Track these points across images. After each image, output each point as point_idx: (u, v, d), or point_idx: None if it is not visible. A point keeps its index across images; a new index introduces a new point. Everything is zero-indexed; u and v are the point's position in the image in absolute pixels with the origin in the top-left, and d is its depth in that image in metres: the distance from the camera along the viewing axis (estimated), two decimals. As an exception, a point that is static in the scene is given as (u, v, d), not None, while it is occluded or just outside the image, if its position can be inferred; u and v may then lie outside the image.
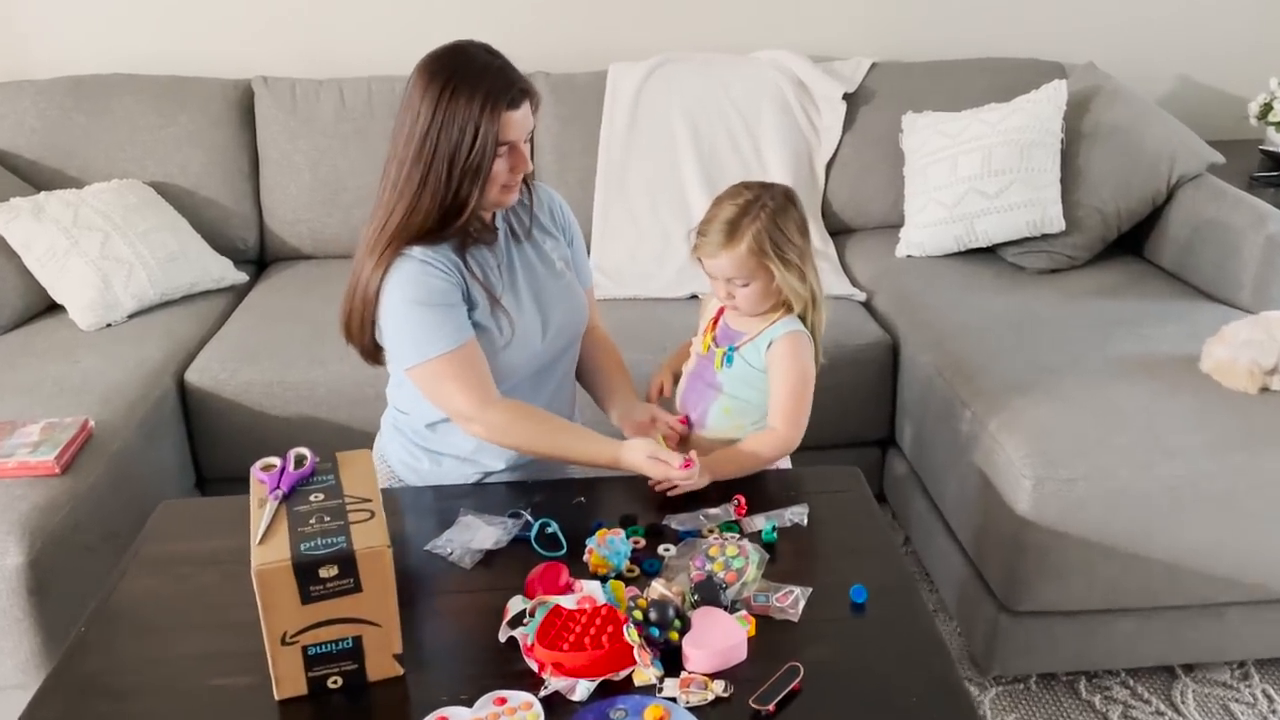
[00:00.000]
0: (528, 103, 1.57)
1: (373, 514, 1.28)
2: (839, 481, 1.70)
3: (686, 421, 1.76)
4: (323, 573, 1.20)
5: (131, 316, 2.53)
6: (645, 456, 1.59)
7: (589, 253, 2.84)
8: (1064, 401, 1.96)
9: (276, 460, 1.43)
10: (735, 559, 1.45)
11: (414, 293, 1.57)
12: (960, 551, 2.08)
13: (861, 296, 2.64)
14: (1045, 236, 2.62)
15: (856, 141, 2.97)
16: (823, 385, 2.38)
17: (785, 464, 1.84)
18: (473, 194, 1.56)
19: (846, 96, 2.97)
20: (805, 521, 1.57)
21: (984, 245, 2.70)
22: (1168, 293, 2.48)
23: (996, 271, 2.64)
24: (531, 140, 1.66)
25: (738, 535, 1.54)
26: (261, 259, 2.99)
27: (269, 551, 1.20)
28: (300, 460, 1.43)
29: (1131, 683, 2.03)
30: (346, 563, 1.20)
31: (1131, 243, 2.71)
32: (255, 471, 1.41)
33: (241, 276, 2.80)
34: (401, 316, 1.58)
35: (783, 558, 1.48)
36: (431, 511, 1.66)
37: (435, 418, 1.70)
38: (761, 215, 1.61)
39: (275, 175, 2.91)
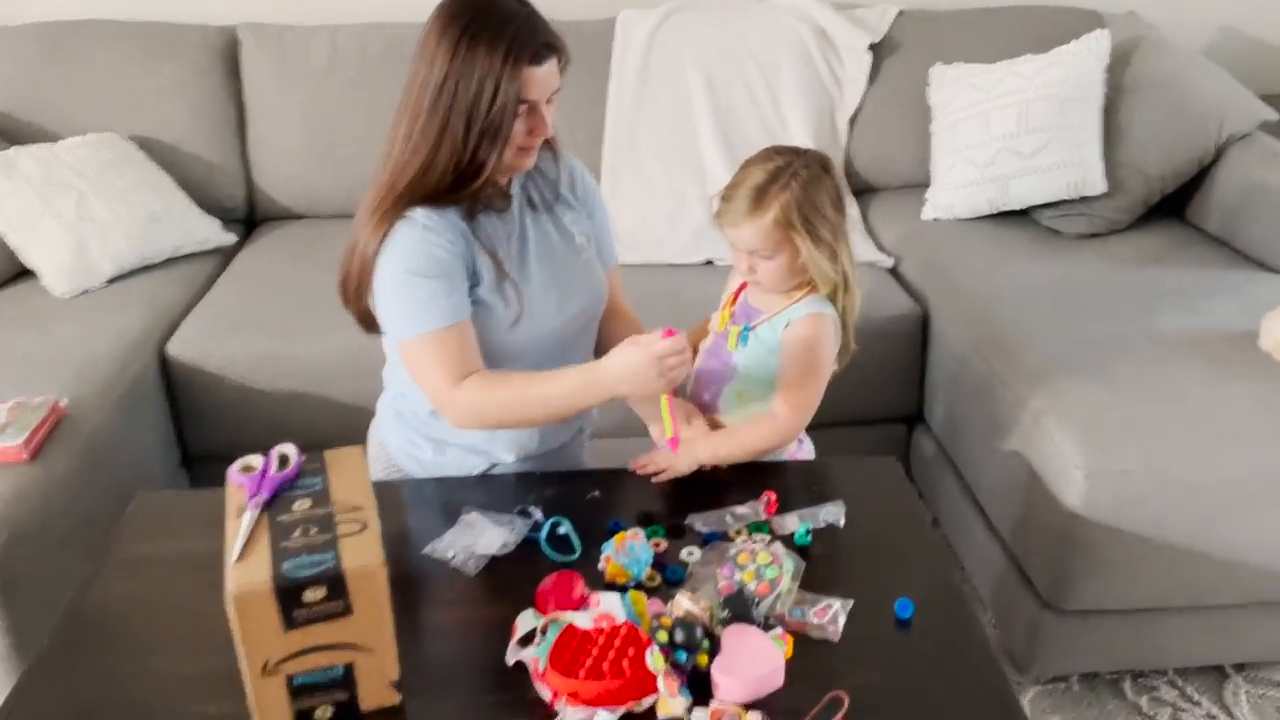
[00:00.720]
0: (554, 59, 1.41)
1: (365, 525, 1.13)
2: (875, 474, 1.56)
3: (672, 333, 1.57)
4: (308, 595, 1.06)
5: (110, 282, 2.37)
6: (622, 350, 1.38)
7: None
8: (1113, 383, 1.82)
9: (257, 460, 1.29)
10: (768, 568, 1.31)
11: (413, 261, 1.42)
12: (998, 541, 1.95)
13: (889, 262, 2.48)
14: (1084, 199, 2.46)
15: (882, 95, 2.79)
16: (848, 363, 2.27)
17: (808, 452, 1.70)
18: (491, 155, 1.40)
19: (872, 47, 2.79)
20: (842, 522, 1.44)
21: (1018, 208, 2.53)
22: (1217, 261, 2.32)
23: (1032, 236, 2.48)
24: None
25: (768, 538, 1.40)
26: (250, 219, 2.83)
27: (247, 571, 1.06)
28: (284, 461, 1.29)
29: (1180, 683, 1.91)
30: (335, 583, 1.06)
31: (1174, 205, 2.55)
32: (232, 474, 1.27)
33: (229, 238, 2.64)
34: (397, 285, 1.44)
35: (818, 564, 1.34)
36: (433, 507, 1.53)
37: None
38: (793, 184, 1.45)
39: (264, 129, 2.74)
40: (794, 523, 1.43)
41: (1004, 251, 2.39)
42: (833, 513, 1.45)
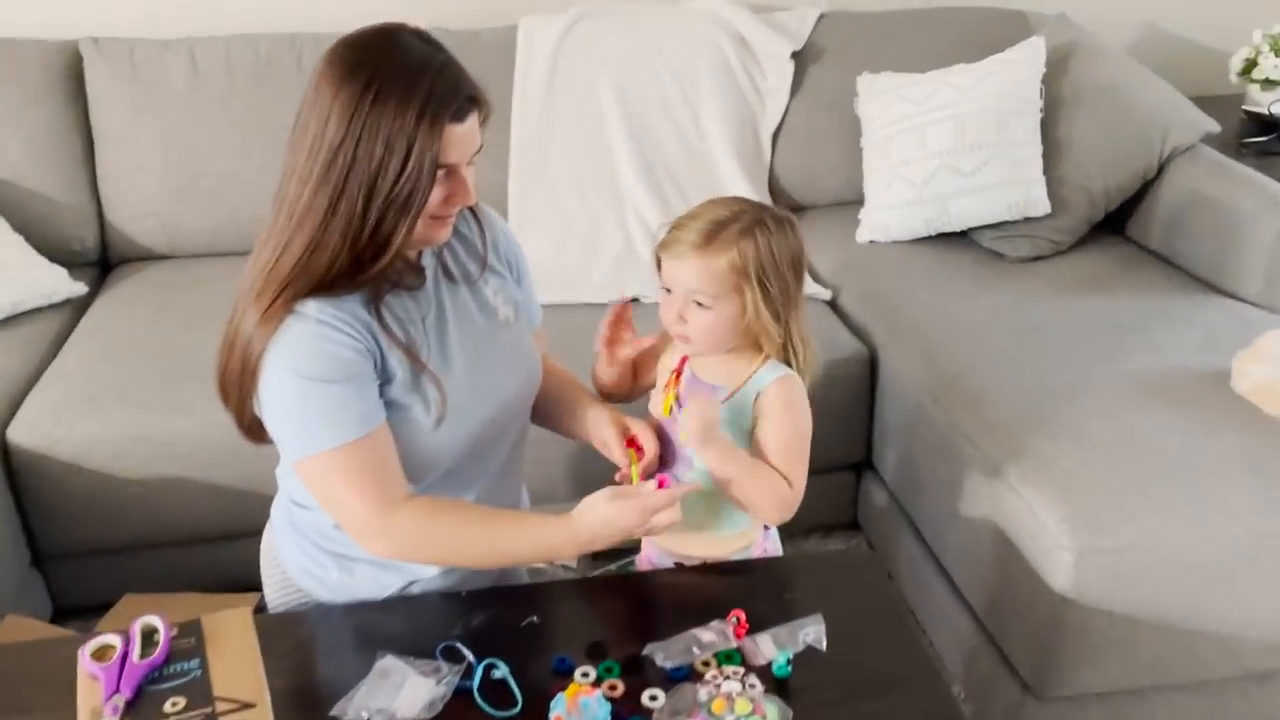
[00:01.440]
0: (475, 114, 1.17)
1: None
2: (853, 574, 1.38)
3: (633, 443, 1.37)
4: None
5: (-64, 352, 2.03)
6: (607, 499, 1.22)
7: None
8: (1088, 439, 1.67)
9: (114, 640, 1.03)
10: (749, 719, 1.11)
11: (306, 365, 1.17)
12: (968, 613, 1.78)
13: (826, 294, 2.30)
14: (1027, 220, 2.32)
15: (806, 106, 2.60)
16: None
17: (775, 546, 1.50)
18: (398, 230, 1.15)
19: (794, 55, 2.60)
20: (824, 643, 1.24)
21: (958, 229, 2.38)
22: (1165, 283, 2.20)
23: (974, 259, 2.32)
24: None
25: (742, 670, 1.20)
26: (104, 261, 2.48)
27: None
28: (149, 637, 1.03)
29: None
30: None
31: (1113, 221, 2.43)
32: (84, 660, 1.01)
33: (78, 288, 2.29)
34: (288, 396, 1.19)
35: (802, 702, 1.14)
36: (341, 643, 1.28)
37: None
38: (757, 231, 1.26)
39: (116, 159, 2.39)
40: (770, 649, 1.23)
41: (948, 279, 2.23)
42: (813, 632, 1.25)
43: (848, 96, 2.56)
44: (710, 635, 1.25)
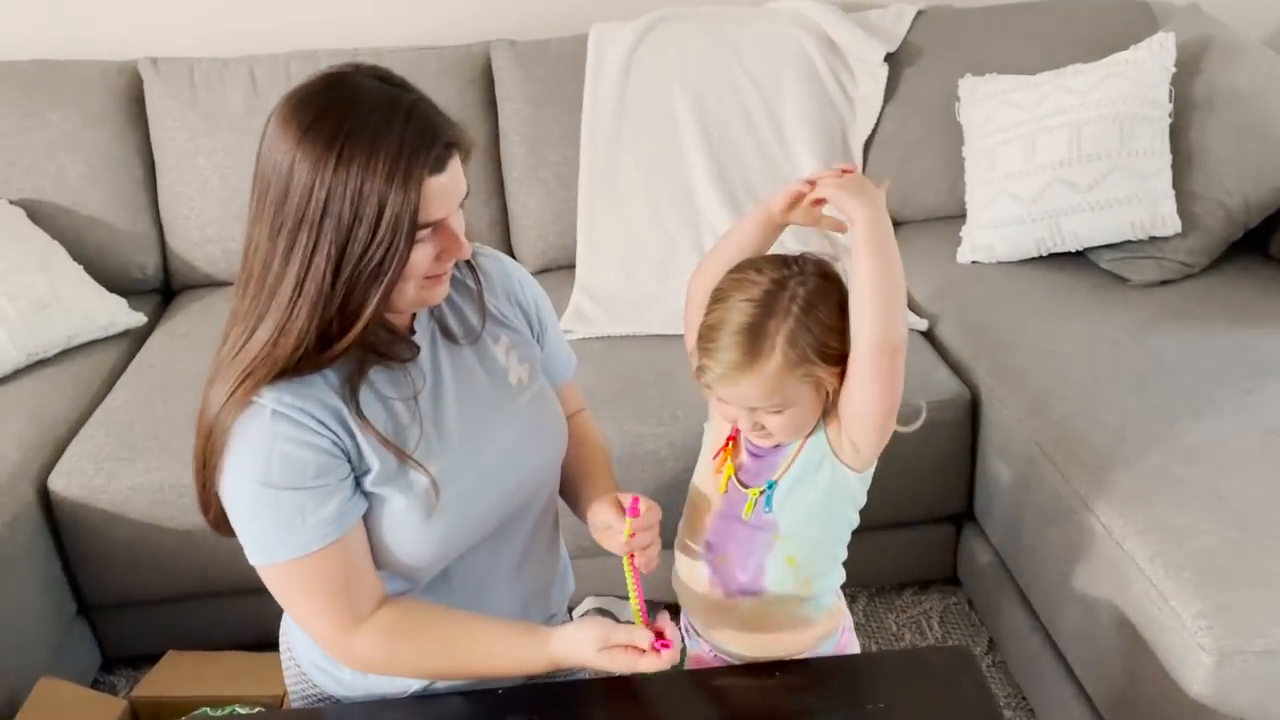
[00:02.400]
0: (456, 158, 1.02)
1: None
2: (945, 678, 1.17)
3: (635, 504, 1.16)
4: None
5: (-12, 390, 1.97)
6: (594, 650, 1.08)
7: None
8: (1231, 512, 1.43)
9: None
10: None
11: (261, 469, 1.03)
12: (1086, 703, 1.56)
13: (922, 325, 2.08)
14: (1154, 239, 2.06)
15: (901, 113, 2.38)
16: (882, 454, 1.87)
17: (853, 643, 1.31)
18: (369, 302, 1.00)
19: (888, 58, 2.38)
20: (910, 776, 1.05)
21: (1072, 250, 2.13)
22: (1318, 313, 1.93)
23: (1091, 284, 2.07)
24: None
25: (814, 808, 1.02)
26: (167, 288, 2.42)
27: None
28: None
29: None
30: None
31: (1254, 240, 2.15)
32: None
33: (137, 318, 2.22)
34: (242, 501, 1.05)
35: None
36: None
37: None
38: (793, 310, 1.06)
39: (176, 183, 2.32)
40: (848, 779, 1.06)
41: (1061, 309, 1.99)
42: (899, 759, 1.07)
43: (948, 102, 2.33)
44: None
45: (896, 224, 2.41)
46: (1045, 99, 2.16)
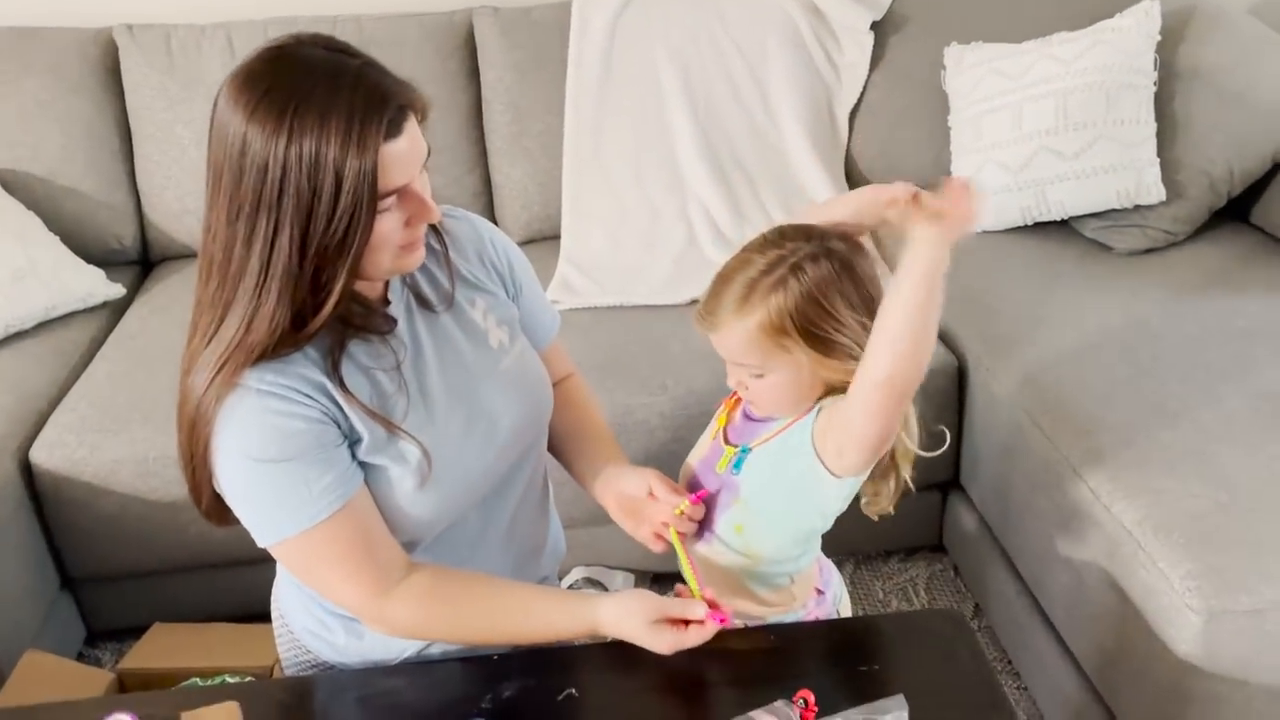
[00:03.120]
0: (412, 118, 0.99)
1: None
2: (940, 641, 1.18)
3: (704, 498, 1.19)
4: None
5: (-35, 362, 1.94)
6: (646, 623, 1.07)
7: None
8: (1219, 475, 1.44)
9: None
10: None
11: (257, 446, 1.01)
12: (1073, 666, 1.58)
13: (909, 294, 2.08)
14: (1139, 208, 2.07)
15: (887, 82, 2.37)
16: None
17: (846, 608, 1.32)
18: (338, 276, 0.98)
19: (874, 26, 2.36)
20: (906, 731, 1.06)
21: (1058, 219, 2.14)
22: (1302, 281, 1.94)
23: (1078, 253, 2.08)
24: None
25: (810, 766, 1.03)
26: (145, 259, 2.38)
27: None
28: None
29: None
30: None
31: (1236, 207, 2.16)
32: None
33: (116, 290, 2.19)
34: (243, 481, 1.04)
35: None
36: (352, 714, 1.14)
37: None
38: (792, 280, 1.04)
39: (153, 153, 2.28)
40: (844, 738, 1.06)
41: (1047, 276, 2.00)
42: (893, 719, 1.07)
43: (934, 70, 2.32)
44: (772, 720, 1.08)
45: (882, 193, 2.42)
46: (1031, 67, 2.16)
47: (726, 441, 1.19)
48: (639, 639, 1.08)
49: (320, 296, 0.99)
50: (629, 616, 1.08)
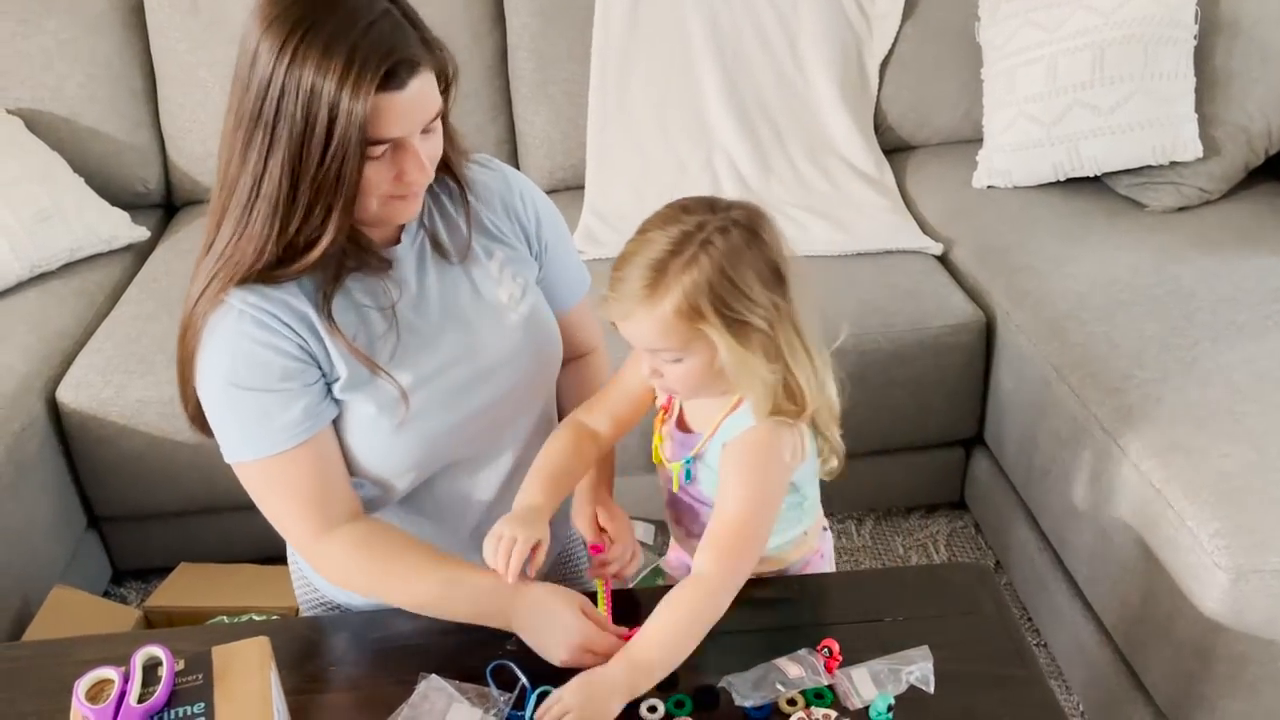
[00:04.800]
0: (422, 75, 0.96)
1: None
2: (958, 591, 1.18)
3: (598, 549, 1.17)
4: None
5: (-9, 301, 1.95)
6: (561, 642, 1.03)
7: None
8: (1250, 435, 1.43)
9: (112, 675, 0.91)
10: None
11: (229, 369, 1.02)
12: (1094, 622, 1.58)
13: (937, 249, 2.06)
14: (1174, 165, 2.03)
15: (919, 33, 2.33)
16: (893, 379, 1.87)
17: (828, 562, 1.30)
18: (330, 218, 0.98)
19: (908, -25, 2.32)
20: (931, 684, 1.06)
21: (1091, 175, 2.10)
22: (1338, 240, 1.91)
23: (1109, 210, 2.05)
24: (448, 111, 1.05)
25: (834, 714, 1.03)
26: (169, 204, 2.38)
27: None
28: (151, 672, 0.90)
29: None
30: None
31: (1272, 165, 2.12)
32: (77, 699, 0.89)
33: (140, 233, 2.19)
34: (210, 398, 1.05)
35: (910, 765, 0.97)
36: (375, 657, 1.15)
37: None
38: (702, 257, 0.97)
39: (177, 95, 2.27)
40: (868, 689, 1.06)
41: (1078, 232, 1.97)
42: (918, 670, 1.07)
43: (967, 21, 2.28)
44: (796, 669, 1.08)
45: (911, 148, 2.39)
46: (1068, 19, 2.11)
47: (667, 456, 1.15)
48: (552, 656, 1.04)
49: (313, 232, 0.98)
50: (548, 626, 1.04)
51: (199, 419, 1.10)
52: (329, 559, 1.09)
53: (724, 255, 0.97)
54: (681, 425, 1.14)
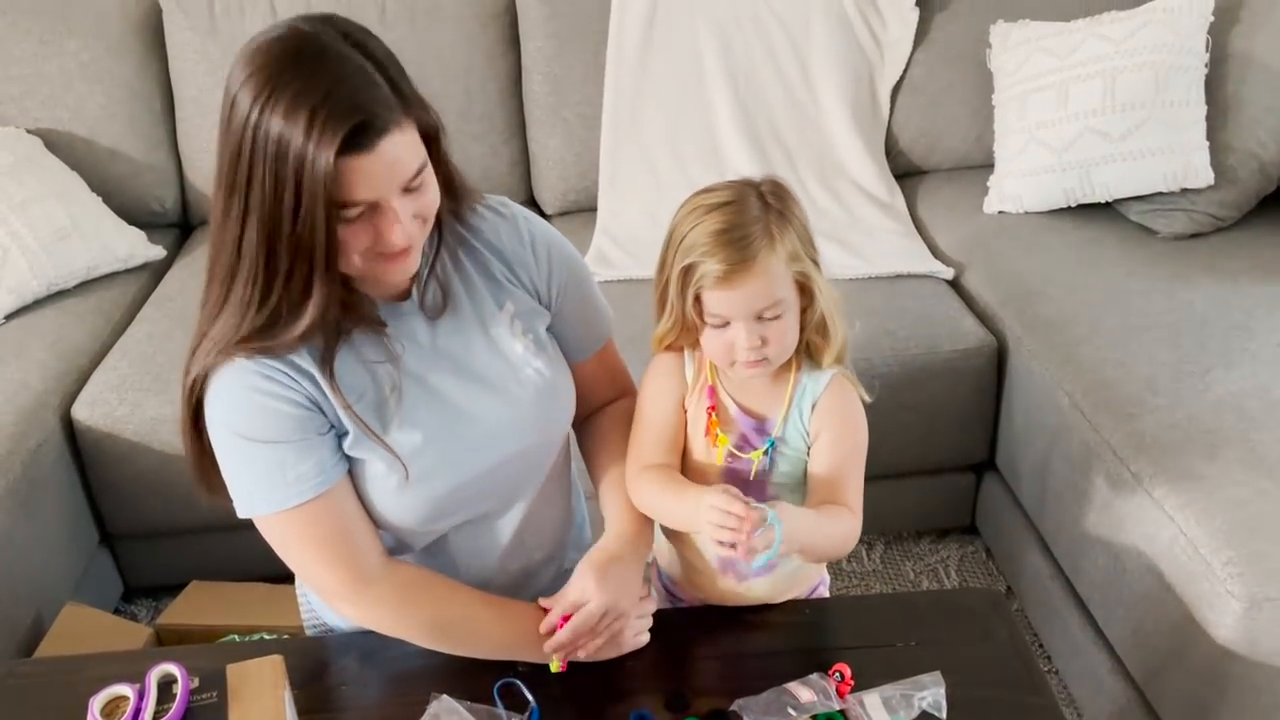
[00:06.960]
0: (393, 136, 0.92)
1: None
2: (971, 617, 1.18)
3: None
4: None
5: (9, 318, 1.96)
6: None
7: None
8: (1264, 462, 1.42)
9: (126, 691, 0.91)
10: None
11: (242, 422, 1.01)
12: (1106, 650, 1.57)
13: (948, 273, 2.06)
14: (1185, 191, 2.03)
15: (931, 59, 2.34)
16: (904, 403, 1.87)
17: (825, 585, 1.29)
18: (312, 282, 0.95)
19: (919, 2, 2.33)
20: (944, 710, 1.06)
21: (1102, 201, 2.11)
22: (1351, 268, 1.91)
23: (1121, 236, 2.05)
24: (446, 162, 1.04)
25: (847, 741, 1.03)
26: (185, 222, 2.40)
27: None
28: (166, 689, 0.91)
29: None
30: None
31: (1283, 193, 2.13)
32: (93, 717, 0.89)
33: (156, 252, 2.21)
34: (229, 453, 1.04)
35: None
36: (387, 676, 1.15)
37: None
38: (773, 211, 1.04)
39: (195, 116, 2.29)
40: (879, 712, 1.06)
41: (1090, 259, 1.98)
42: (930, 696, 1.07)
43: (979, 48, 2.29)
44: (809, 693, 1.08)
45: (923, 173, 2.40)
46: (1079, 46, 2.13)
47: (738, 448, 1.13)
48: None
49: (297, 296, 0.95)
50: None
51: (204, 473, 1.09)
52: (374, 614, 1.09)
53: (792, 208, 1.06)
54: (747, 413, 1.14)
